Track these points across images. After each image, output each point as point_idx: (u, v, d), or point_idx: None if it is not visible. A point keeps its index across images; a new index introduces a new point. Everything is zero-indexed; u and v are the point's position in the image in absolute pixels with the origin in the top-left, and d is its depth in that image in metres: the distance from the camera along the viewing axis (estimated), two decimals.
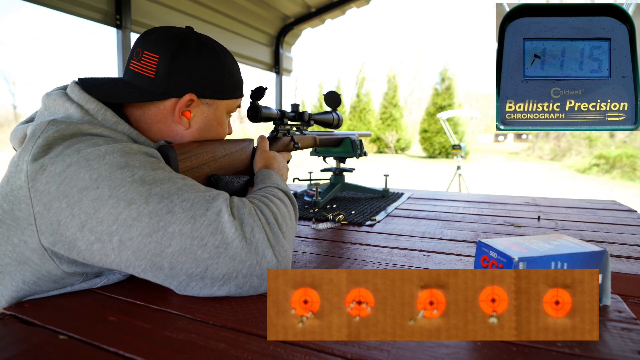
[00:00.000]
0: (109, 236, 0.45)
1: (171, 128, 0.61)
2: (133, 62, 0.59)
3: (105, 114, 0.54)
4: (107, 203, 0.45)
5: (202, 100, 0.62)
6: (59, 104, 0.54)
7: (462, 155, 5.24)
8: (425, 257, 0.68)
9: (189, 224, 0.46)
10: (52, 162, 0.46)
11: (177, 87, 0.58)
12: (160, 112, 0.60)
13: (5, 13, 36.75)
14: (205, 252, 0.46)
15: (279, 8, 2.85)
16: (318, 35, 57.47)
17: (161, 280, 0.48)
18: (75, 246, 0.46)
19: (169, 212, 0.46)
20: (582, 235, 0.86)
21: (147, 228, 0.45)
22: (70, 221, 0.45)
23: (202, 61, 0.60)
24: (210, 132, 0.66)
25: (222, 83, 0.63)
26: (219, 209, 0.48)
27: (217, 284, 0.48)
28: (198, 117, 0.63)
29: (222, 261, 0.47)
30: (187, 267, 0.47)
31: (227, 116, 0.69)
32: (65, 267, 0.48)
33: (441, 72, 17.45)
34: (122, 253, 0.46)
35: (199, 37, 0.61)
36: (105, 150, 0.47)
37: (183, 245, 0.46)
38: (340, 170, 1.24)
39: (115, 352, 0.38)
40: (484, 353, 0.38)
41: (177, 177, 0.50)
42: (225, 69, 0.63)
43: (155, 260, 0.46)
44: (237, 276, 0.48)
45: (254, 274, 0.49)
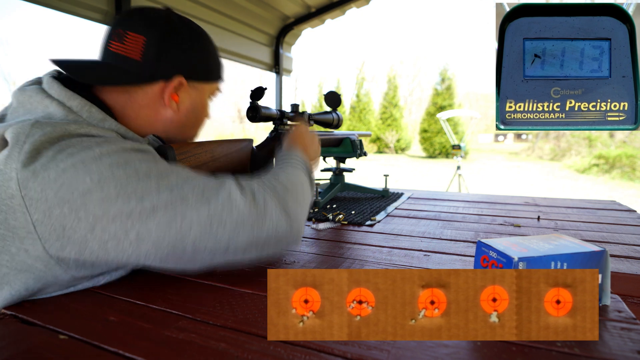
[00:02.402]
0: (124, 232, 0.45)
1: (159, 113, 0.60)
2: (113, 43, 0.55)
3: (90, 111, 0.52)
4: (117, 202, 0.44)
5: (190, 83, 0.61)
6: (37, 101, 0.50)
7: (462, 155, 5.24)
8: (425, 257, 0.68)
9: (205, 208, 0.47)
10: (44, 169, 0.44)
11: (166, 70, 0.57)
12: (148, 97, 0.58)
13: (5, 13, 36.76)
14: (225, 230, 0.48)
15: (279, 8, 2.85)
16: (318, 35, 57.44)
17: (182, 264, 0.49)
18: (87, 247, 0.45)
19: (183, 200, 0.47)
20: (582, 235, 0.87)
21: (165, 218, 0.45)
22: (77, 225, 0.44)
23: (190, 43, 0.59)
24: (197, 117, 0.65)
25: (207, 65, 0.63)
26: (229, 189, 0.50)
27: (240, 253, 0.51)
28: (186, 101, 0.62)
29: (243, 233, 0.49)
30: (210, 247, 0.48)
31: (209, 99, 0.68)
32: (74, 271, 0.48)
33: (441, 72, 17.46)
34: (141, 246, 0.45)
35: (182, 19, 0.60)
36: (100, 152, 0.46)
37: (203, 228, 0.47)
38: (340, 170, 1.24)
39: (116, 352, 0.38)
40: (484, 353, 0.38)
41: (179, 167, 0.51)
42: (209, 51, 0.62)
43: (178, 246, 0.47)
44: (257, 243, 0.51)
45: (271, 240, 0.52)
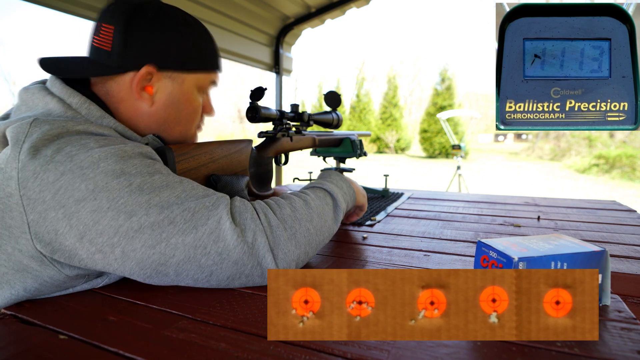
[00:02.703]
0: (110, 247, 0.45)
1: (135, 106, 0.58)
2: (94, 37, 0.56)
3: (89, 108, 0.52)
4: (107, 215, 0.44)
5: (163, 73, 0.57)
6: (38, 98, 0.51)
7: (462, 155, 5.24)
8: (425, 257, 0.68)
9: (191, 234, 0.46)
10: (43, 170, 0.44)
11: (133, 59, 0.55)
12: (121, 89, 0.56)
13: (5, 13, 36.76)
14: (209, 259, 0.47)
15: (279, 8, 2.85)
16: (318, 35, 57.47)
17: (167, 283, 0.49)
18: (76, 255, 0.45)
19: (171, 223, 0.46)
20: (582, 235, 0.86)
21: (150, 240, 0.45)
22: (68, 232, 0.44)
23: (160, 31, 0.56)
24: (179, 111, 0.61)
25: (185, 54, 0.58)
26: (220, 217, 0.48)
27: (223, 284, 0.51)
28: (161, 93, 0.58)
29: (226, 266, 0.48)
30: (193, 274, 0.48)
31: (199, 93, 0.64)
32: (68, 271, 0.48)
33: (441, 72, 17.46)
34: (125, 263, 0.46)
35: (159, 6, 0.57)
36: (98, 156, 0.45)
37: (187, 255, 0.46)
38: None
39: (116, 352, 0.38)
40: (484, 353, 0.38)
41: (175, 181, 0.49)
42: (187, 39, 0.58)
43: (161, 269, 0.47)
44: (240, 277, 0.50)
45: (255, 274, 0.50)
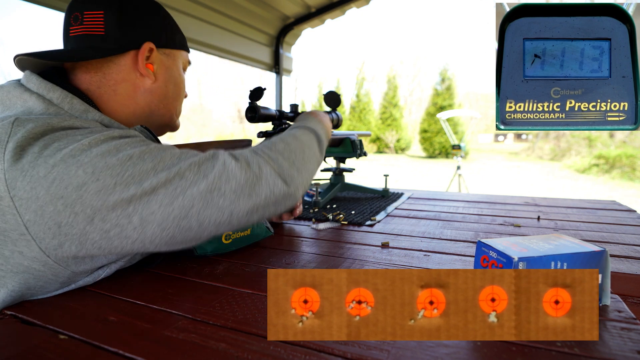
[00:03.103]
0: (127, 218, 0.44)
1: (137, 85, 0.60)
2: (73, 28, 0.56)
3: (72, 102, 0.52)
4: (115, 190, 0.44)
5: (160, 50, 0.61)
6: (15, 96, 0.50)
7: (462, 155, 5.24)
8: (425, 257, 0.68)
9: (203, 182, 0.47)
10: (32, 166, 0.43)
11: (133, 38, 0.57)
12: (122, 69, 0.58)
13: (5, 13, 36.74)
14: (226, 199, 0.48)
15: (279, 8, 2.85)
16: (318, 35, 57.46)
17: (188, 242, 0.49)
18: (87, 240, 0.44)
19: (181, 177, 0.47)
20: (582, 235, 0.87)
21: (166, 198, 0.45)
22: (74, 220, 0.43)
23: (149, 11, 0.59)
24: (176, 86, 0.66)
25: (172, 31, 0.63)
26: (223, 160, 0.50)
27: (243, 219, 0.50)
28: (161, 68, 0.62)
29: (243, 201, 0.49)
30: (215, 218, 0.48)
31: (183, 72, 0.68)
32: (74, 267, 0.48)
33: (441, 72, 17.48)
34: (146, 229, 0.45)
35: None
36: (88, 142, 0.45)
37: (205, 201, 0.47)
38: (340, 170, 1.24)
39: (116, 352, 0.38)
40: (484, 353, 0.38)
41: (170, 146, 0.51)
42: (168, 19, 0.63)
43: (183, 223, 0.46)
44: (258, 207, 0.51)
45: (270, 202, 0.51)
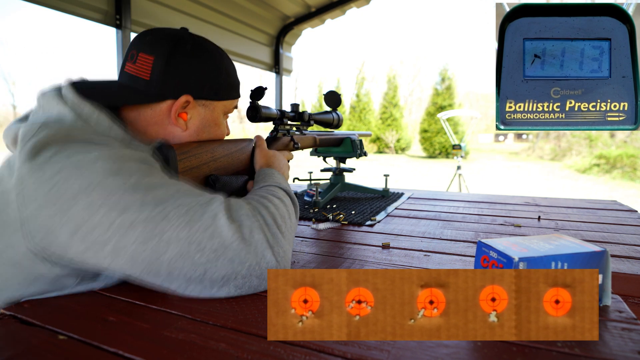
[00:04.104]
0: (102, 244, 0.44)
1: (168, 130, 0.61)
2: (128, 64, 0.59)
3: (98, 118, 0.53)
4: (100, 211, 0.44)
5: (198, 101, 0.62)
6: (53, 105, 0.53)
7: (462, 155, 5.24)
8: (425, 257, 0.68)
9: (185, 230, 0.46)
10: (40, 167, 0.44)
11: (173, 89, 0.58)
12: (156, 114, 0.59)
13: (5, 13, 36.78)
14: (203, 256, 0.46)
15: (279, 8, 2.85)
16: (318, 35, 57.49)
17: (159, 283, 0.47)
18: (67, 252, 0.45)
19: (164, 218, 0.45)
20: (583, 235, 0.86)
21: (142, 235, 0.44)
22: (61, 228, 0.44)
23: (198, 62, 0.60)
24: (208, 134, 0.66)
25: (218, 84, 0.63)
26: (215, 213, 0.48)
27: (216, 285, 0.48)
28: (195, 119, 0.63)
29: (221, 264, 0.47)
30: (185, 272, 0.46)
31: (224, 117, 0.69)
32: (58, 269, 0.48)
33: (441, 72, 17.47)
34: (116, 260, 0.45)
35: (194, 38, 0.61)
36: (97, 155, 0.46)
37: (180, 251, 0.45)
38: (340, 170, 1.24)
39: (115, 352, 0.38)
40: (484, 353, 0.38)
41: (171, 182, 0.50)
42: (221, 70, 0.63)
43: (152, 266, 0.46)
44: (237, 277, 0.48)
45: (253, 274, 0.49)
